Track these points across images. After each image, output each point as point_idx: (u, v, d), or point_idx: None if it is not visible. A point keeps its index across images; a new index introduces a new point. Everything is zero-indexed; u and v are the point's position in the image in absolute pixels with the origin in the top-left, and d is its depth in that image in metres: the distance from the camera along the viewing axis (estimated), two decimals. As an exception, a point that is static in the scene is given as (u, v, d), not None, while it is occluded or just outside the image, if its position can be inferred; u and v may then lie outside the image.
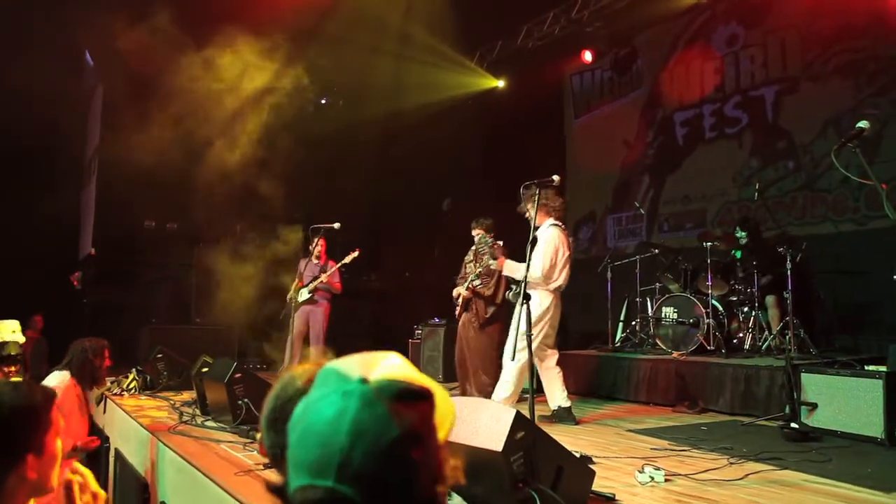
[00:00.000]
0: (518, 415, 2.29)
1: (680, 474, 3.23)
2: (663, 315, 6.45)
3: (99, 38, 7.94)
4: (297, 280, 7.45)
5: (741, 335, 6.41)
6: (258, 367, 7.85)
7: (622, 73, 9.44)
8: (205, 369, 4.81)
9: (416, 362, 7.77)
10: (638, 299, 7.26)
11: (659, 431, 4.53)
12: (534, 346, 4.18)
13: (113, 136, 8.75)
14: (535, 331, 4.26)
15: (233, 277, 9.22)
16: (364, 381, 0.77)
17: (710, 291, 6.25)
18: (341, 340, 8.82)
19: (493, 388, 4.91)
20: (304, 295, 7.18)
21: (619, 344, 7.40)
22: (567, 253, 4.88)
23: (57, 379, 3.96)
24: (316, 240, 7.31)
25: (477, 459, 2.24)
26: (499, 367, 5.01)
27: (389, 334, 9.94)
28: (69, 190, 9.75)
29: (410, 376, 0.81)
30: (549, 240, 4.79)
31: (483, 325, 5.72)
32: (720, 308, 6.44)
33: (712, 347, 6.10)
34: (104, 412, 5.86)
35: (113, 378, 6.37)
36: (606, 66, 9.65)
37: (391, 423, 0.74)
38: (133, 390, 6.13)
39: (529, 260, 4.02)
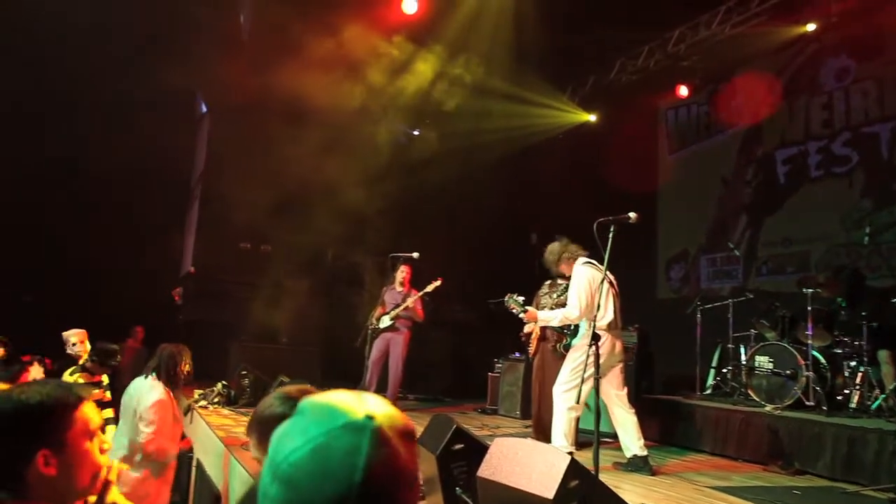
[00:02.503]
0: (573, 462, 2.17)
1: (761, 542, 2.95)
2: (757, 364, 6.01)
3: (206, 71, 8.54)
4: (378, 307, 7.57)
5: (847, 392, 5.84)
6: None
7: (720, 109, 9.06)
8: (281, 389, 4.93)
9: (494, 396, 7.66)
10: (730, 345, 6.83)
11: (744, 491, 4.18)
12: (588, 385, 4.04)
13: (216, 163, 9.38)
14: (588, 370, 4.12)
15: (320, 300, 9.55)
16: (371, 417, 0.77)
17: (810, 341, 5.77)
18: (420, 371, 8.89)
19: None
20: (385, 322, 7.25)
21: (709, 391, 6.98)
22: (606, 286, 4.64)
23: (159, 391, 4.00)
24: (401, 267, 7.41)
25: (527, 505, 2.14)
26: None
27: (469, 367, 9.89)
28: (176, 211, 10.49)
29: (404, 416, 0.81)
30: (577, 277, 4.74)
31: (562, 354, 5.53)
32: (822, 360, 5.92)
33: (812, 403, 5.61)
34: (191, 422, 6.14)
35: (201, 391, 6.70)
36: (703, 101, 9.31)
37: (401, 462, 0.76)
38: (217, 404, 6.41)
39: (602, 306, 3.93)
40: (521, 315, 5.10)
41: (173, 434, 4.13)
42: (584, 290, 4.62)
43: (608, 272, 4.71)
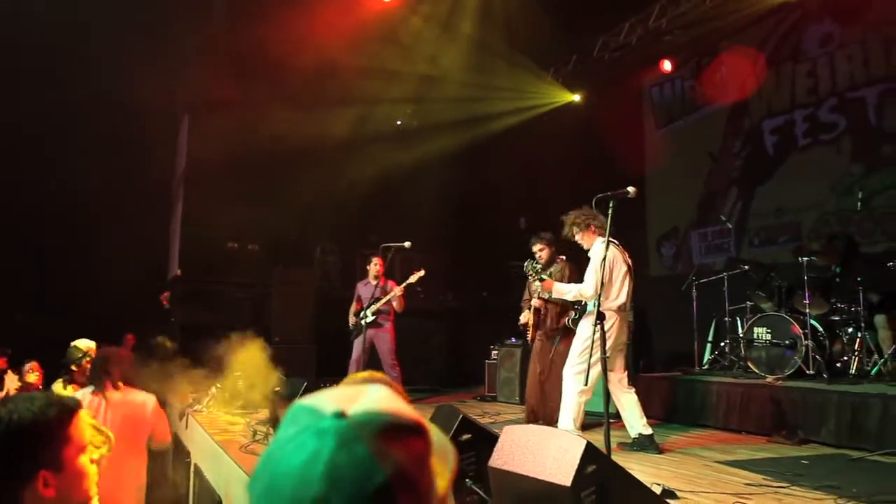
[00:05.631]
0: (589, 446, 2.10)
1: (778, 515, 2.91)
2: (755, 336, 5.99)
3: (184, 71, 8.35)
4: (354, 302, 7.47)
5: (846, 358, 5.84)
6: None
7: (705, 82, 9.00)
8: (278, 388, 4.84)
9: (492, 383, 7.60)
10: (727, 319, 6.80)
11: (752, 464, 4.15)
12: (596, 368, 3.98)
13: (197, 163, 9.20)
14: (595, 353, 4.02)
15: (311, 296, 9.42)
16: (341, 415, 0.64)
17: (807, 310, 5.75)
18: (415, 362, 8.80)
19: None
20: (367, 317, 7.13)
21: (706, 366, 6.96)
22: (624, 268, 4.63)
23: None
24: (374, 260, 7.29)
25: (543, 494, 2.07)
26: None
27: (465, 355, 9.84)
28: (160, 214, 10.30)
29: (397, 408, 0.67)
30: (597, 255, 4.58)
31: (561, 336, 5.47)
32: (820, 328, 5.91)
33: (812, 372, 5.59)
34: (186, 427, 6.03)
35: (195, 394, 6.57)
36: (688, 76, 9.24)
37: (375, 466, 0.61)
38: (213, 407, 6.28)
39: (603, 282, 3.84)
40: (537, 284, 5.05)
41: None
42: (603, 269, 4.53)
43: (626, 253, 4.70)
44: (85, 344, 5.38)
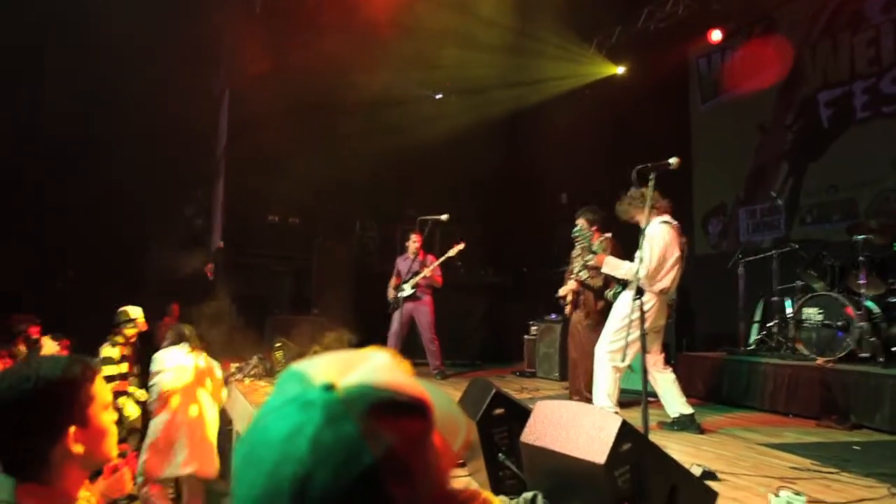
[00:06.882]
0: (624, 424, 2.03)
1: (826, 502, 2.78)
2: (805, 316, 5.76)
3: (226, 45, 8.41)
4: (393, 277, 7.52)
5: (903, 342, 5.57)
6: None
7: (756, 53, 8.59)
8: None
9: (531, 359, 7.57)
10: (775, 298, 6.57)
11: (799, 447, 4.00)
12: (635, 346, 3.88)
13: (238, 137, 9.31)
14: (633, 331, 3.89)
15: (351, 271, 9.50)
16: (330, 387, 0.58)
17: (862, 291, 5.49)
18: (455, 336, 8.80)
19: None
20: (407, 290, 7.17)
21: (752, 347, 6.75)
22: (678, 253, 4.45)
23: None
24: (412, 236, 7.33)
25: (576, 471, 2.01)
26: None
27: (505, 330, 9.81)
28: (204, 188, 10.49)
29: (397, 382, 0.61)
30: (658, 237, 4.37)
31: (595, 322, 5.39)
32: (876, 310, 5.63)
33: (867, 354, 5.35)
34: (228, 396, 6.17)
35: (237, 364, 6.74)
36: (737, 45, 8.84)
37: (363, 447, 0.55)
38: (254, 377, 6.43)
39: (641, 257, 3.72)
40: (590, 257, 4.92)
41: None
42: (659, 254, 4.36)
43: (683, 238, 4.56)
44: (134, 311, 5.67)
